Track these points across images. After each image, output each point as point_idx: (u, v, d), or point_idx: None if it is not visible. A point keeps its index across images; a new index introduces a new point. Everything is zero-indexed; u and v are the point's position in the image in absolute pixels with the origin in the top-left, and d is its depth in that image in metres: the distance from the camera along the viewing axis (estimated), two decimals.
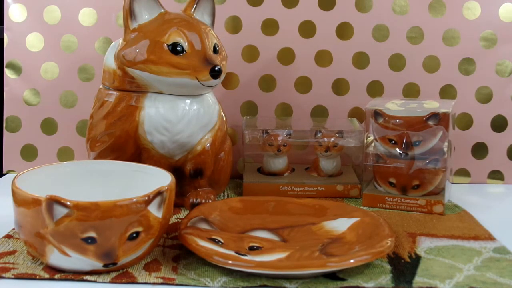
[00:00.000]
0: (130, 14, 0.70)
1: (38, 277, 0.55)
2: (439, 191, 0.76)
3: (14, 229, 0.66)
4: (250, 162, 0.91)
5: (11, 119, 0.92)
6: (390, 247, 0.57)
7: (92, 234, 0.52)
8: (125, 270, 0.56)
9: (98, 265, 0.54)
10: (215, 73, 0.68)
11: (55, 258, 0.54)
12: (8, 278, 0.55)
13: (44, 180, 0.62)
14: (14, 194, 0.55)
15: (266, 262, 0.56)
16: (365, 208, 0.77)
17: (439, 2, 0.90)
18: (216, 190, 0.79)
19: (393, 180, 0.77)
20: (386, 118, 0.77)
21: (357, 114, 0.92)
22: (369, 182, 0.81)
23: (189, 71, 0.68)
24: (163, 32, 0.69)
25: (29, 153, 0.92)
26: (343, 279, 0.55)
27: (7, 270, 0.56)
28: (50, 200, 0.51)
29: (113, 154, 0.72)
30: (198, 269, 0.57)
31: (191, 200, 0.75)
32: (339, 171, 0.86)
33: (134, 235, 0.54)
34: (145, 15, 0.70)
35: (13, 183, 0.56)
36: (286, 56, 0.91)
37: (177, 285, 0.54)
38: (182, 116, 0.71)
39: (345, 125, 0.86)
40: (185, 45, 0.69)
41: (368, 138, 0.80)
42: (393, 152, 0.77)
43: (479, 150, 0.91)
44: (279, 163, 0.85)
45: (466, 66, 0.90)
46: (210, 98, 0.75)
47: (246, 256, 0.57)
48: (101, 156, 0.73)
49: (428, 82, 0.91)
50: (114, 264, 0.54)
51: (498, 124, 0.91)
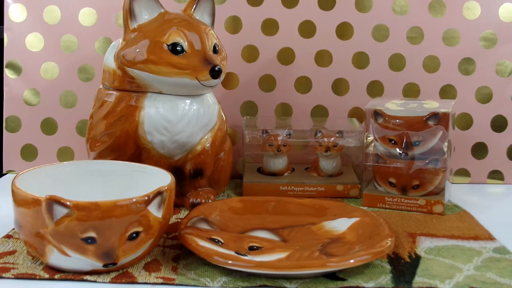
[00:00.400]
0: (130, 14, 0.70)
1: (38, 277, 0.55)
2: (439, 191, 0.76)
3: (14, 229, 0.66)
4: (250, 162, 0.91)
5: (11, 119, 0.92)
6: (390, 247, 0.57)
7: (92, 234, 0.52)
8: (125, 270, 0.56)
9: (98, 265, 0.54)
10: (215, 73, 0.68)
11: (55, 258, 0.54)
12: (8, 278, 0.55)
13: (44, 180, 0.62)
14: (14, 194, 0.55)
15: (266, 262, 0.56)
16: (365, 208, 0.77)
17: (439, 2, 0.90)
18: (216, 190, 0.79)
19: (393, 180, 0.77)
20: (386, 118, 0.77)
21: (357, 114, 0.92)
22: (369, 182, 0.81)
23: (189, 71, 0.68)
24: (163, 32, 0.69)
25: (29, 153, 0.92)
26: (343, 279, 0.55)
27: (7, 270, 0.56)
28: (50, 200, 0.51)
29: (113, 154, 0.72)
30: (198, 269, 0.57)
31: (191, 200, 0.75)
32: (339, 171, 0.86)
33: (134, 235, 0.54)
34: (145, 15, 0.70)
35: (13, 183, 0.56)
36: (286, 56, 0.91)
37: (177, 285, 0.54)
38: (182, 116, 0.71)
39: (345, 125, 0.86)
40: (185, 45, 0.69)
41: (368, 138, 0.80)
42: (393, 152, 0.77)
43: (479, 150, 0.91)
44: (279, 163, 0.85)
45: (466, 66, 0.90)
46: (210, 98, 0.75)
47: (246, 256, 0.57)
48: (101, 156, 0.73)
49: (428, 82, 0.91)
50: (114, 264, 0.54)
51: (498, 124, 0.91)
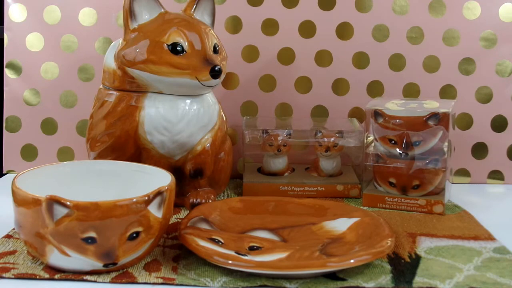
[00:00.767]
0: (130, 14, 0.70)
1: (38, 277, 0.55)
2: (439, 191, 0.76)
3: (14, 229, 0.66)
4: (250, 162, 0.91)
5: (11, 119, 0.92)
6: (390, 247, 0.57)
7: (92, 234, 0.52)
8: (125, 270, 0.56)
9: (98, 265, 0.54)
10: (215, 73, 0.68)
11: (55, 258, 0.54)
12: (8, 278, 0.55)
13: (44, 180, 0.62)
14: (14, 194, 0.55)
15: (266, 262, 0.56)
16: (365, 208, 0.77)
17: (439, 2, 0.90)
18: (216, 190, 0.79)
19: (393, 180, 0.77)
20: (386, 118, 0.77)
21: (357, 114, 0.92)
22: (369, 182, 0.81)
23: (189, 71, 0.68)
24: (163, 32, 0.69)
25: (29, 153, 0.92)
26: (343, 279, 0.55)
27: (7, 270, 0.56)
28: (50, 200, 0.51)
29: (113, 154, 0.72)
30: (198, 269, 0.57)
31: (191, 200, 0.75)
32: (339, 171, 0.86)
33: (134, 235, 0.54)
34: (145, 15, 0.70)
35: (13, 183, 0.56)
36: (286, 56, 0.91)
37: (177, 285, 0.54)
38: (182, 116, 0.71)
39: (345, 125, 0.86)
40: (185, 45, 0.69)
41: (368, 138, 0.80)
42: (393, 152, 0.77)
43: (479, 150, 0.91)
44: (279, 163, 0.85)
45: (466, 66, 0.90)
46: (210, 98, 0.75)
47: (246, 256, 0.57)
48: (101, 156, 0.73)
49: (428, 82, 0.91)
50: (114, 264, 0.54)
51: (498, 124, 0.91)
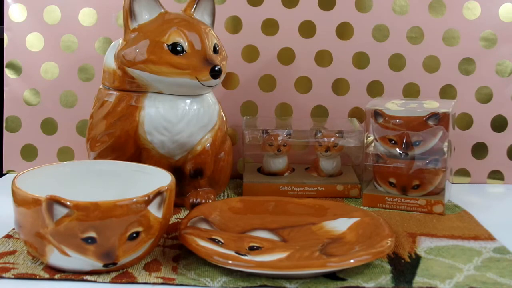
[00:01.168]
0: (130, 14, 0.70)
1: (38, 277, 0.55)
2: (439, 191, 0.76)
3: (14, 229, 0.66)
4: (250, 162, 0.91)
5: (11, 119, 0.92)
6: (390, 247, 0.57)
7: (92, 234, 0.52)
8: (125, 270, 0.56)
9: (98, 265, 0.54)
10: (215, 73, 0.68)
11: (55, 258, 0.54)
12: (8, 278, 0.55)
13: (44, 180, 0.62)
14: (14, 194, 0.55)
15: (266, 262, 0.56)
16: (365, 208, 0.77)
17: (439, 2, 0.90)
18: (216, 190, 0.79)
19: (393, 180, 0.77)
20: (386, 118, 0.77)
21: (357, 114, 0.92)
22: (369, 182, 0.81)
23: (189, 71, 0.68)
24: (163, 32, 0.69)
25: (29, 153, 0.92)
26: (343, 279, 0.55)
27: (7, 270, 0.56)
28: (50, 200, 0.51)
29: (113, 154, 0.72)
30: (198, 269, 0.57)
31: (191, 200, 0.75)
32: (339, 171, 0.86)
33: (134, 235, 0.54)
34: (145, 15, 0.70)
35: (13, 183, 0.56)
36: (286, 56, 0.91)
37: (177, 285, 0.54)
38: (182, 116, 0.71)
39: (345, 125, 0.86)
40: (185, 45, 0.69)
41: (368, 138, 0.80)
42: (393, 152, 0.77)
43: (479, 150, 0.91)
44: (279, 163, 0.85)
45: (466, 66, 0.90)
46: (210, 98, 0.75)
47: (246, 256, 0.57)
48: (101, 156, 0.73)
49: (428, 82, 0.91)
50: (114, 264, 0.54)
51: (498, 124, 0.91)
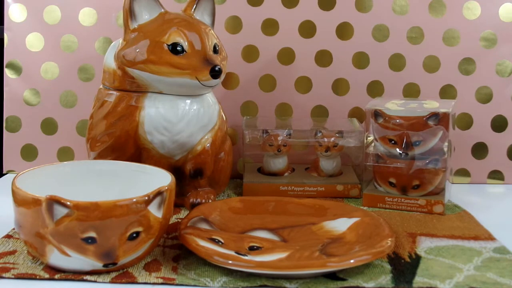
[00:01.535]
0: (130, 14, 0.70)
1: (38, 277, 0.55)
2: (439, 191, 0.76)
3: (14, 229, 0.66)
4: (250, 162, 0.91)
5: (11, 119, 0.92)
6: (390, 247, 0.57)
7: (92, 234, 0.52)
8: (125, 270, 0.56)
9: (98, 265, 0.54)
10: (215, 73, 0.68)
11: (55, 258, 0.54)
12: (8, 278, 0.55)
13: (44, 180, 0.62)
14: (14, 194, 0.55)
15: (266, 262, 0.56)
16: (365, 208, 0.77)
17: (439, 2, 0.90)
18: (216, 190, 0.79)
19: (393, 180, 0.77)
20: (386, 118, 0.77)
21: (357, 114, 0.92)
22: (369, 182, 0.81)
23: (189, 71, 0.68)
24: (163, 32, 0.69)
25: (29, 153, 0.92)
26: (343, 279, 0.55)
27: (7, 270, 0.56)
28: (50, 200, 0.51)
29: (113, 154, 0.72)
30: (198, 269, 0.57)
31: (191, 200, 0.75)
32: (339, 171, 0.86)
33: (134, 235, 0.54)
34: (145, 15, 0.70)
35: (13, 183, 0.56)
36: (286, 56, 0.91)
37: (177, 285, 0.54)
38: (182, 116, 0.71)
39: (345, 125, 0.86)
40: (185, 45, 0.69)
41: (368, 138, 0.80)
42: (393, 152, 0.77)
43: (479, 150, 0.91)
44: (279, 163, 0.85)
45: (466, 66, 0.90)
46: (210, 98, 0.75)
47: (246, 256, 0.57)
48: (101, 156, 0.73)
49: (428, 82, 0.91)
50: (114, 264, 0.54)
51: (498, 124, 0.91)
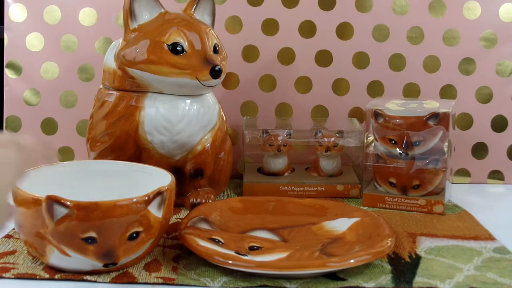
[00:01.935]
0: (130, 14, 0.70)
1: (38, 277, 0.55)
2: (439, 191, 0.76)
3: (14, 229, 0.66)
4: (250, 162, 0.91)
5: (11, 119, 0.92)
6: (390, 247, 0.57)
7: (92, 234, 0.52)
8: (125, 270, 0.56)
9: (98, 265, 0.54)
10: (215, 73, 0.68)
11: (55, 258, 0.54)
12: (8, 278, 0.55)
13: (44, 180, 0.62)
14: (14, 194, 0.55)
15: (266, 262, 0.56)
16: (365, 208, 0.77)
17: (439, 2, 0.90)
18: (216, 190, 0.79)
19: (393, 180, 0.77)
20: (386, 118, 0.77)
21: (357, 114, 0.92)
22: (369, 182, 0.81)
23: (189, 71, 0.68)
24: (163, 32, 0.69)
25: None
26: (343, 279, 0.55)
27: (7, 270, 0.56)
28: (50, 200, 0.51)
29: (113, 154, 0.72)
30: (198, 269, 0.57)
31: (191, 200, 0.75)
32: (339, 171, 0.86)
33: (134, 235, 0.54)
34: (145, 15, 0.70)
35: None
36: (286, 56, 0.91)
37: (177, 285, 0.54)
38: (182, 116, 0.71)
39: (345, 125, 0.86)
40: (185, 45, 0.69)
41: (368, 138, 0.80)
42: (393, 152, 0.77)
43: (479, 150, 0.91)
44: (279, 163, 0.85)
45: (466, 66, 0.90)
46: (210, 98, 0.75)
47: (246, 256, 0.57)
48: (101, 156, 0.73)
49: (428, 82, 0.91)
50: (114, 264, 0.54)
51: (498, 124, 0.91)
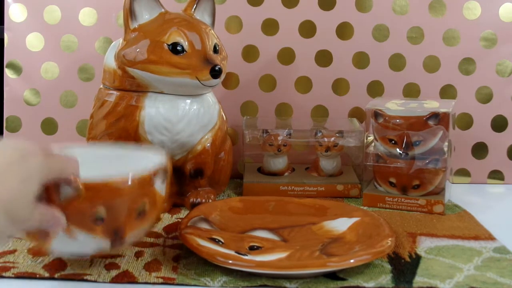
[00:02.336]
0: (130, 13, 0.70)
1: (38, 276, 0.55)
2: (439, 191, 0.76)
3: None
4: (250, 162, 0.91)
5: (11, 119, 0.92)
6: (390, 247, 0.57)
7: (101, 213, 0.50)
8: (125, 270, 0.56)
9: (105, 244, 0.52)
10: (215, 72, 0.68)
11: (59, 242, 0.52)
12: (8, 277, 0.55)
13: None
14: None
15: (266, 262, 0.56)
16: (365, 208, 0.77)
17: (439, 2, 0.90)
18: (216, 190, 0.79)
19: (393, 180, 0.77)
20: (386, 118, 0.77)
21: (357, 114, 0.92)
22: (369, 182, 0.81)
23: (189, 71, 0.68)
24: (164, 32, 0.69)
25: None
26: (343, 279, 0.55)
27: (7, 269, 0.56)
28: (58, 180, 0.48)
29: None
30: (198, 268, 0.57)
31: (191, 200, 0.75)
32: (339, 171, 0.86)
33: (141, 212, 0.53)
34: (145, 15, 0.70)
35: None
36: (286, 56, 0.91)
37: (177, 285, 0.54)
38: (182, 116, 0.71)
39: (345, 125, 0.86)
40: (185, 44, 0.69)
41: (368, 138, 0.80)
42: (393, 152, 0.77)
43: (479, 150, 0.91)
44: (279, 163, 0.85)
45: (466, 66, 0.90)
46: (210, 98, 0.75)
47: (247, 256, 0.57)
48: None
49: (428, 82, 0.91)
50: (122, 239, 0.52)
51: (498, 124, 0.91)
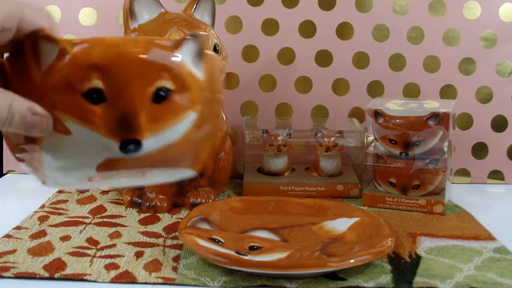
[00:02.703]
0: (130, 14, 0.70)
1: (38, 276, 0.55)
2: (439, 191, 0.76)
3: (14, 229, 0.66)
4: (250, 162, 0.90)
5: None
6: (390, 247, 0.57)
7: (96, 83, 0.36)
8: (125, 270, 0.56)
9: (113, 146, 0.37)
10: None
11: (49, 151, 0.39)
12: (8, 277, 0.55)
13: None
14: None
15: (266, 262, 0.56)
16: (365, 208, 0.77)
17: (439, 2, 0.90)
18: (216, 190, 0.79)
19: (393, 180, 0.77)
20: (386, 118, 0.77)
21: (357, 114, 0.92)
22: (369, 182, 0.81)
23: None
24: (163, 32, 0.69)
25: None
26: (343, 279, 0.55)
27: (7, 269, 0.56)
28: (35, 36, 0.36)
29: None
30: (198, 269, 0.57)
31: (191, 200, 0.75)
32: (339, 171, 0.86)
33: (162, 94, 0.37)
34: (145, 15, 0.70)
35: None
36: (286, 56, 0.91)
37: (177, 285, 0.54)
38: None
39: (345, 125, 0.86)
40: None
41: (368, 138, 0.80)
42: (393, 152, 0.77)
43: (479, 150, 0.91)
44: (279, 163, 0.85)
45: (466, 66, 0.90)
46: None
47: (247, 256, 0.57)
48: None
49: (428, 82, 0.91)
50: (137, 143, 0.37)
51: (498, 124, 0.91)
